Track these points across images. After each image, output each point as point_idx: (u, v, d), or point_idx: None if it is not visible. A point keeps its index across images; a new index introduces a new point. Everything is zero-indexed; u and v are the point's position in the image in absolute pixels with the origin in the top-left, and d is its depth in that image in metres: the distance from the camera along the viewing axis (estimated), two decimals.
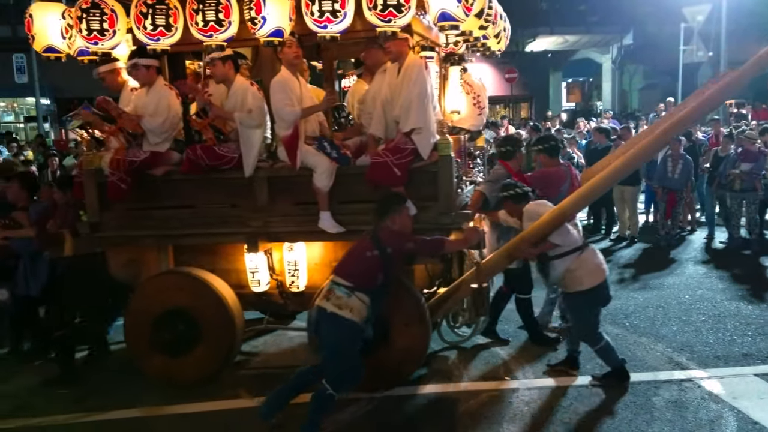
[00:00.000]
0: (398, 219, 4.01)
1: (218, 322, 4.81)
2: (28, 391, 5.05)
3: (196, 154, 4.71)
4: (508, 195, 4.71)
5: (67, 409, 4.64)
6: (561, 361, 4.92)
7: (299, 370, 4.17)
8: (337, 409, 4.29)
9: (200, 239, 4.93)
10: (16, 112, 28.26)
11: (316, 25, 4.31)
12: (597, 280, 4.45)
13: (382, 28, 4.16)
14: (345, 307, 3.83)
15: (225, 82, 4.80)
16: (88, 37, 4.67)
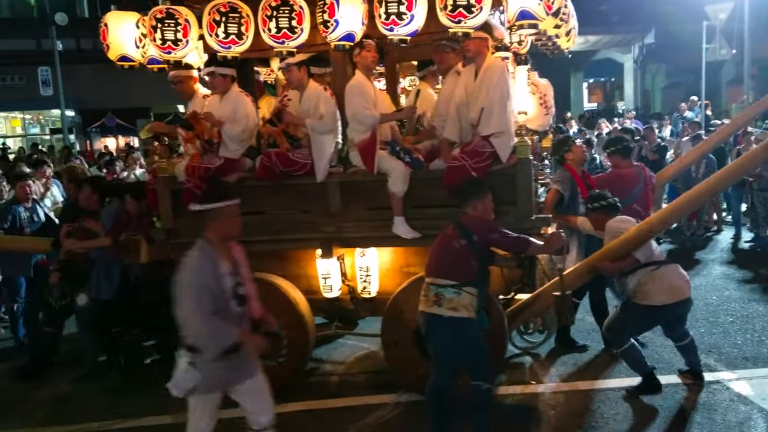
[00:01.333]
0: (480, 205, 3.87)
1: (292, 328, 4.77)
2: (62, 398, 5.06)
3: (270, 161, 4.67)
4: (599, 206, 4.60)
5: (102, 415, 4.65)
6: (688, 370, 4.74)
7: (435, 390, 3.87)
8: (363, 415, 4.32)
9: (273, 245, 4.89)
10: (42, 124, 28.62)
11: (383, 28, 4.26)
12: (668, 300, 4.30)
13: (453, 29, 4.08)
14: (460, 307, 3.70)
15: (299, 87, 4.76)
16: (162, 47, 4.65)
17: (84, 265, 5.32)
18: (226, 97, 4.88)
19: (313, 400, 4.70)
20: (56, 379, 5.47)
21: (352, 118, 4.50)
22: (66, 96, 22.11)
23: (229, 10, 4.48)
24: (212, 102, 4.97)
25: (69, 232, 5.29)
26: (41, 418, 4.75)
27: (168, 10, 4.59)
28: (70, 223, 5.35)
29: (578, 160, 5.40)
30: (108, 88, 25.37)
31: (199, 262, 3.16)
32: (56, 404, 4.99)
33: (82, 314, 5.43)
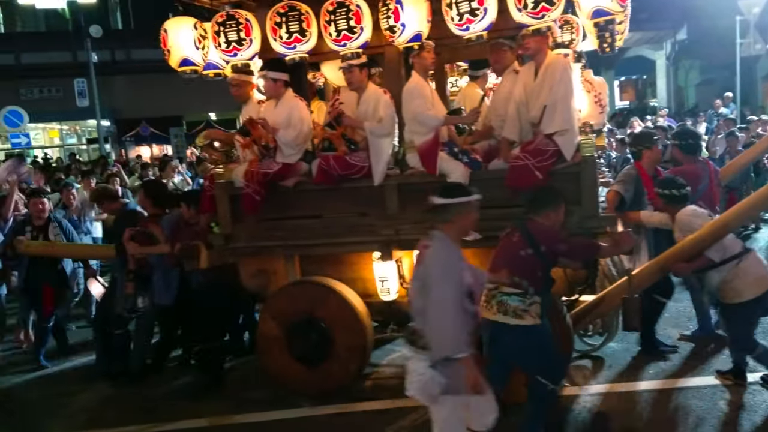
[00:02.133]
0: (553, 216, 3.76)
1: (351, 331, 4.74)
2: (100, 402, 5.12)
3: (328, 164, 4.65)
4: (666, 194, 4.47)
5: (139, 419, 4.70)
6: (729, 369, 4.62)
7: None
8: (397, 417, 4.34)
9: (330, 248, 4.88)
10: (79, 134, 29.26)
11: (458, 30, 4.21)
12: (759, 291, 4.15)
13: (536, 26, 4.02)
14: (525, 315, 3.61)
15: (358, 89, 4.74)
16: (227, 50, 4.69)
17: (145, 269, 5.37)
18: (281, 103, 4.89)
19: (346, 403, 4.70)
20: (98, 382, 5.56)
21: (413, 120, 4.46)
22: (101, 106, 22.51)
23: (288, 10, 4.50)
24: (268, 107, 4.97)
25: (132, 236, 5.33)
26: (83, 422, 4.82)
27: (228, 12, 4.63)
28: (132, 227, 5.40)
29: (654, 159, 5.20)
30: (141, 98, 25.87)
31: (447, 253, 3.10)
32: (96, 408, 5.06)
33: (141, 317, 5.48)
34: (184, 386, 5.30)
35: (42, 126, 27.26)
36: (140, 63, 26.74)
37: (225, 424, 4.53)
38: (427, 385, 3.04)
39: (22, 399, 5.38)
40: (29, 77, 25.32)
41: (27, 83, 25.29)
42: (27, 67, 25.52)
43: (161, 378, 5.51)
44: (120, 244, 5.44)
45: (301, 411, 4.63)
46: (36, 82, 25.49)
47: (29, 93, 25.42)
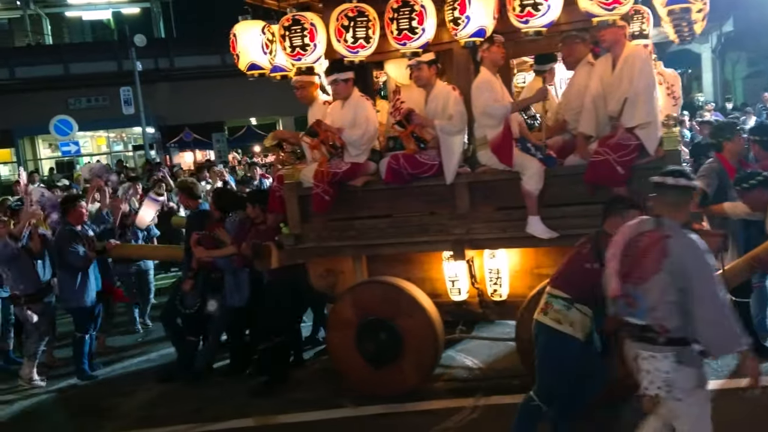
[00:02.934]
0: (620, 222, 3.43)
1: (421, 332, 4.67)
2: (151, 402, 5.17)
3: (398, 163, 4.59)
4: (756, 183, 4.23)
5: (187, 419, 4.73)
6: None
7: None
8: (442, 419, 4.29)
9: (400, 248, 4.82)
10: (125, 141, 29.91)
11: (517, 21, 4.11)
12: None
13: (604, 17, 3.89)
14: (565, 322, 3.47)
15: (426, 86, 4.67)
16: (291, 54, 4.67)
17: (214, 272, 5.40)
18: (347, 103, 4.85)
19: (391, 403, 4.65)
20: (149, 383, 5.64)
21: (482, 114, 4.36)
22: (146, 113, 22.96)
23: (357, 15, 4.46)
24: (334, 108, 4.95)
25: (198, 240, 5.37)
26: (133, 421, 4.89)
27: (294, 17, 4.61)
28: (198, 231, 5.44)
29: (736, 150, 4.98)
30: (184, 105, 26.32)
31: (700, 243, 2.89)
32: (147, 408, 5.12)
33: (213, 321, 5.51)
34: (232, 386, 5.32)
35: (90, 134, 27.96)
36: (183, 70, 27.28)
37: (270, 424, 4.55)
38: (678, 382, 2.87)
39: (76, 398, 5.47)
40: (77, 87, 25.93)
41: (75, 93, 25.91)
42: (75, 77, 26.14)
43: (211, 378, 5.57)
44: (188, 246, 5.48)
45: (345, 411, 4.63)
46: (84, 92, 26.09)
47: (77, 102, 26.08)
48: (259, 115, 29.12)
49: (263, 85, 20.07)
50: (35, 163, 26.72)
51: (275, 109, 28.38)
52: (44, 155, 27.69)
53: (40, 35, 29.47)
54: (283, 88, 16.96)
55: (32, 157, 27.23)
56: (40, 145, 27.79)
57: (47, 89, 24.99)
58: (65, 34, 31.12)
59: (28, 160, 26.71)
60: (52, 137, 21.48)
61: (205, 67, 27.23)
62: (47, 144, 27.59)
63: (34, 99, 24.37)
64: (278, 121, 29.62)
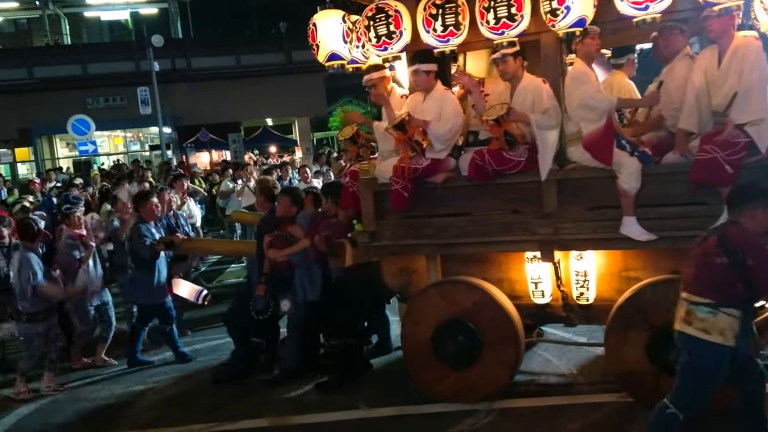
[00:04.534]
0: (759, 216, 3.23)
1: (502, 334, 4.45)
2: (166, 401, 5.10)
3: (483, 160, 4.37)
4: None
5: (202, 419, 4.69)
6: None
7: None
8: (455, 421, 4.24)
9: (481, 248, 4.60)
10: (142, 141, 29.81)
11: (633, 8, 3.88)
12: None
13: (726, 3, 3.66)
14: (713, 330, 3.19)
15: (513, 79, 4.46)
16: (377, 44, 4.46)
17: (285, 273, 5.21)
18: (430, 96, 4.64)
19: (404, 405, 4.58)
20: (163, 382, 5.54)
21: (581, 106, 4.13)
22: (163, 113, 22.79)
23: (445, 2, 4.25)
24: (414, 101, 4.73)
25: (271, 242, 5.17)
26: (147, 420, 4.82)
27: (378, 5, 4.40)
28: (270, 233, 5.24)
29: None
30: (201, 105, 26.16)
31: None
32: (160, 408, 5.03)
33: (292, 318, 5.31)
34: (246, 386, 5.23)
35: (107, 134, 27.86)
36: (200, 71, 27.18)
37: (284, 425, 4.51)
38: None
39: (89, 398, 5.35)
40: (95, 87, 25.81)
41: (93, 93, 25.79)
42: (93, 77, 26.07)
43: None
44: (260, 248, 5.29)
45: (358, 413, 4.57)
46: (101, 92, 25.97)
47: (95, 102, 25.95)
48: (275, 116, 28.98)
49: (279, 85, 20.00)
50: (53, 162, 26.60)
51: (291, 110, 28.29)
52: (62, 154, 27.58)
53: (58, 35, 29.40)
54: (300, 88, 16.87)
55: (50, 156, 27.10)
56: (58, 144, 27.67)
57: (65, 89, 24.93)
58: (83, 34, 31.05)
59: (46, 159, 26.60)
60: (70, 137, 21.35)
61: (222, 68, 27.17)
62: (65, 143, 27.49)
63: (52, 99, 24.28)
64: (294, 122, 29.49)
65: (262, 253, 5.33)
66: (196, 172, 18.93)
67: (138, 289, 6.00)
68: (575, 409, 4.32)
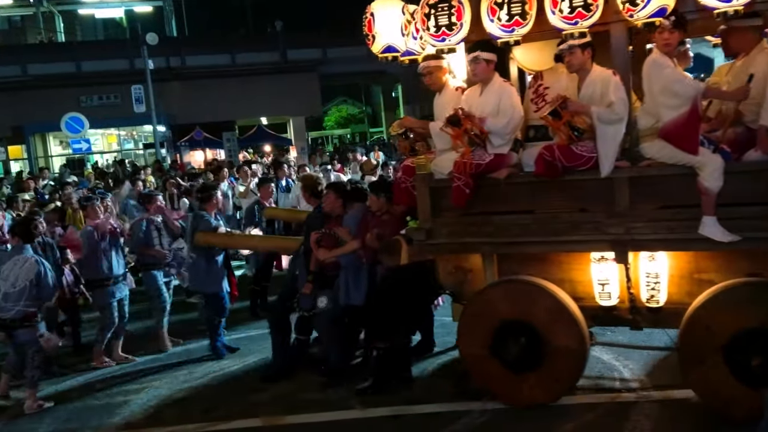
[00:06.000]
0: None
1: (567, 337, 4.17)
2: (159, 401, 4.98)
3: (552, 155, 4.07)
4: None
5: (196, 419, 4.62)
6: None
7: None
8: (452, 420, 4.19)
9: (546, 247, 4.31)
10: (135, 139, 29.23)
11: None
12: None
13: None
14: None
15: (580, 71, 4.17)
16: (435, 35, 4.15)
17: (331, 271, 4.91)
18: (488, 89, 4.34)
19: (399, 405, 4.51)
20: (158, 381, 5.41)
21: (663, 91, 3.80)
22: (157, 112, 22.31)
23: None
24: (471, 95, 4.43)
25: (318, 240, 4.84)
26: (141, 420, 4.70)
27: None
28: (318, 230, 4.91)
29: None
30: (196, 104, 25.67)
31: None
32: (155, 407, 4.92)
33: (323, 317, 5.01)
34: (240, 386, 5.14)
35: (101, 132, 27.19)
36: (194, 69, 26.71)
37: (278, 425, 4.45)
38: None
39: (84, 396, 5.22)
40: (89, 84, 25.28)
41: (87, 90, 25.26)
42: (87, 75, 25.58)
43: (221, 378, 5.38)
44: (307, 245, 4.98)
45: (353, 413, 4.49)
46: (95, 89, 25.44)
47: (89, 100, 25.39)
48: (270, 115, 28.56)
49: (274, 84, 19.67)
50: (46, 160, 25.94)
51: (286, 109, 27.91)
52: (55, 152, 26.88)
53: (52, 32, 28.70)
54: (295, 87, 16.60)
55: (43, 154, 26.42)
56: (51, 142, 26.97)
57: (59, 86, 24.41)
58: (78, 32, 30.32)
59: (39, 157, 25.93)
60: (63, 134, 20.77)
61: (217, 66, 26.73)
62: (58, 141, 26.77)
63: (45, 96, 23.75)
64: (289, 121, 29.07)
65: (308, 250, 5.03)
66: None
67: (197, 277, 5.86)
68: (569, 410, 4.24)
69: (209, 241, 5.61)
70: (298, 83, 26.24)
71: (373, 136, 33.07)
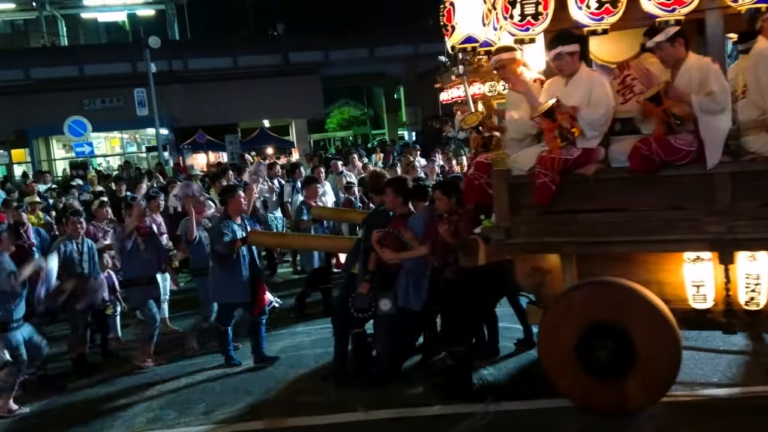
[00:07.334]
0: None
1: (660, 341, 3.81)
2: (161, 403, 4.86)
3: (650, 149, 3.70)
4: None
5: (197, 421, 4.51)
6: None
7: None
8: (454, 422, 4.10)
9: (638, 247, 3.94)
10: (138, 142, 28.68)
11: None
12: None
13: None
14: None
15: (676, 61, 3.80)
16: (519, 24, 3.80)
17: (388, 268, 4.55)
18: (574, 80, 3.97)
19: (401, 408, 4.38)
20: (158, 384, 5.24)
21: None
22: (160, 115, 21.82)
23: None
24: (555, 86, 4.06)
25: (380, 239, 4.45)
26: (142, 423, 4.57)
27: None
28: (380, 229, 4.52)
29: None
30: (198, 107, 25.17)
31: None
32: (155, 409, 4.77)
33: (383, 320, 4.63)
34: (241, 388, 4.98)
35: (104, 135, 26.67)
36: (196, 72, 26.25)
37: (280, 427, 4.36)
38: None
39: (84, 400, 5.07)
40: (92, 88, 24.80)
41: (90, 94, 24.78)
42: (89, 79, 25.13)
43: (223, 380, 5.21)
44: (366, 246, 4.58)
45: (355, 415, 4.38)
46: (98, 93, 24.96)
47: (92, 103, 24.87)
48: (272, 117, 28.11)
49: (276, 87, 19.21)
50: (49, 163, 25.36)
51: (288, 112, 27.49)
52: (58, 156, 26.31)
53: (55, 36, 28.10)
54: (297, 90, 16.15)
55: (46, 157, 25.82)
56: (55, 145, 26.38)
57: (62, 90, 23.94)
58: (80, 36, 29.71)
59: (42, 160, 25.34)
60: (66, 138, 20.36)
61: (219, 69, 26.31)
62: (61, 144, 26.23)
63: (48, 100, 23.27)
64: (291, 124, 28.63)
65: (367, 249, 4.66)
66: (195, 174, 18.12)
67: (218, 288, 5.44)
68: (572, 411, 4.05)
69: (262, 241, 5.20)
70: (300, 86, 25.86)
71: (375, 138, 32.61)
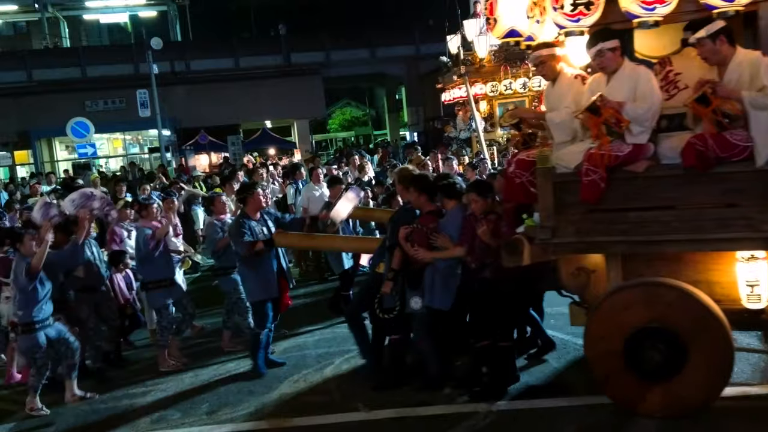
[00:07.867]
0: None
1: (712, 343, 3.66)
2: (164, 404, 4.82)
3: (705, 145, 3.55)
4: None
5: (201, 421, 4.47)
6: None
7: None
8: (456, 422, 4.06)
9: (691, 246, 3.78)
10: (141, 144, 28.44)
11: None
12: None
13: None
14: None
15: (724, 58, 3.65)
16: (571, 14, 3.66)
17: (415, 265, 4.38)
18: (617, 75, 3.83)
19: (403, 407, 4.33)
20: (162, 384, 5.18)
21: None
22: (162, 116, 21.62)
23: None
24: (597, 83, 3.92)
25: (408, 235, 4.30)
26: (147, 422, 4.53)
27: None
28: (407, 225, 4.37)
29: None
30: (200, 108, 24.96)
31: None
32: (160, 409, 4.72)
33: (420, 322, 4.47)
34: (245, 389, 4.90)
35: (106, 136, 26.41)
36: (198, 73, 26.06)
37: (283, 427, 4.33)
38: None
39: (88, 400, 4.98)
40: (94, 89, 24.60)
41: (92, 95, 24.58)
42: (92, 80, 24.95)
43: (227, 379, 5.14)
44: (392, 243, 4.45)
45: (358, 415, 4.33)
46: (100, 94, 24.76)
47: (94, 105, 24.65)
48: (274, 118, 27.90)
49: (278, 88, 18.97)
50: (52, 165, 25.07)
51: (290, 112, 27.28)
52: (61, 157, 26.04)
53: (57, 38, 27.85)
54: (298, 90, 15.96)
55: (49, 159, 25.56)
56: (57, 147, 26.12)
57: (64, 92, 23.78)
58: (82, 37, 29.46)
59: (45, 162, 25.08)
60: (69, 139, 20.07)
61: (221, 70, 26.11)
62: (64, 146, 25.97)
63: (51, 101, 23.12)
64: (293, 124, 28.43)
65: (392, 246, 4.50)
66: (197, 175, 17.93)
67: (250, 286, 5.18)
68: (573, 411, 4.08)
69: (289, 242, 5.02)
70: (302, 86, 25.67)
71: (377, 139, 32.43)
